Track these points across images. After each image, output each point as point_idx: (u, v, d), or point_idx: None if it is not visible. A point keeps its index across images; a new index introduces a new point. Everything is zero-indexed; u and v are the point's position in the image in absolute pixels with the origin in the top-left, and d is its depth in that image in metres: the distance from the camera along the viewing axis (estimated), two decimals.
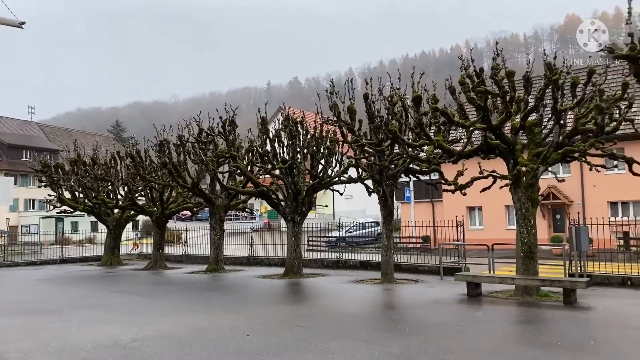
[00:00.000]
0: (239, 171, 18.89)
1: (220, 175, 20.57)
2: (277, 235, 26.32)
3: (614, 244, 20.89)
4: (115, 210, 26.15)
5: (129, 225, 32.78)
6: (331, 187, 19.25)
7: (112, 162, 25.25)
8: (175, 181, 19.92)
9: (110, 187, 25.26)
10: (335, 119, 15.95)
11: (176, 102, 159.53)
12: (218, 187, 21.11)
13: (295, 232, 18.30)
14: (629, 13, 9.15)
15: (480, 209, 29.76)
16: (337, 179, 18.48)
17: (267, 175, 19.09)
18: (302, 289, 15.64)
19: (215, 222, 21.17)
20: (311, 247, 26.77)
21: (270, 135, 18.39)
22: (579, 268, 14.43)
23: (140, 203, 25.06)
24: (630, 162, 12.15)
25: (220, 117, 19.15)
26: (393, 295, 13.96)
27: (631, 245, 21.20)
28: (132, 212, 26.31)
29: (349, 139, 16.20)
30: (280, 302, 13.53)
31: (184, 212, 39.42)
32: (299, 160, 18.11)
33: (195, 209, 25.74)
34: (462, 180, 13.16)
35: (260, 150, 18.09)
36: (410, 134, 15.00)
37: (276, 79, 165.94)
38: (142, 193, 24.83)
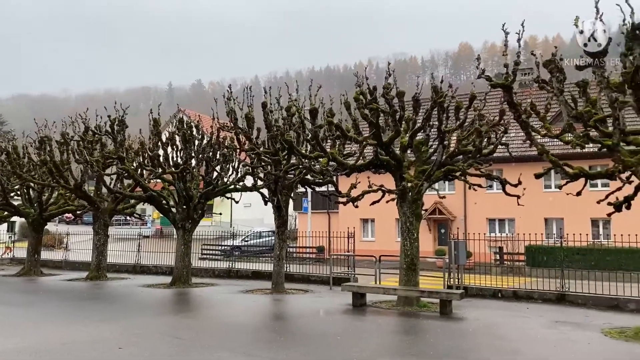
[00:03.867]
0: (126, 174, 17.93)
1: (107, 178, 19.41)
2: (168, 242, 25.30)
3: (490, 258, 22.54)
4: None
5: (3, 227, 30.00)
6: (227, 195, 18.88)
7: None
8: (55, 181, 18.51)
9: None
10: (231, 125, 15.70)
11: (67, 98, 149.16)
12: (104, 189, 19.89)
13: (185, 239, 17.68)
14: (505, 46, 9.95)
15: (373, 221, 30.77)
16: (232, 186, 18.17)
17: (159, 180, 18.32)
18: (188, 299, 15.12)
19: (99, 227, 19.94)
20: (204, 256, 26.07)
21: (163, 138, 17.71)
22: (456, 280, 15.31)
23: (16, 203, 23.03)
24: (504, 183, 13.21)
25: (109, 116, 18.09)
26: (280, 306, 13.92)
27: (505, 260, 22.96)
28: (5, 212, 24.09)
29: (246, 146, 16.01)
30: (163, 312, 12.96)
31: (68, 215, 36.85)
32: (192, 165, 17.58)
33: (78, 212, 24.07)
34: (354, 193, 13.53)
35: (150, 152, 17.33)
36: (307, 145, 15.15)
37: (179, 81, 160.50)
38: (19, 192, 22.82)
